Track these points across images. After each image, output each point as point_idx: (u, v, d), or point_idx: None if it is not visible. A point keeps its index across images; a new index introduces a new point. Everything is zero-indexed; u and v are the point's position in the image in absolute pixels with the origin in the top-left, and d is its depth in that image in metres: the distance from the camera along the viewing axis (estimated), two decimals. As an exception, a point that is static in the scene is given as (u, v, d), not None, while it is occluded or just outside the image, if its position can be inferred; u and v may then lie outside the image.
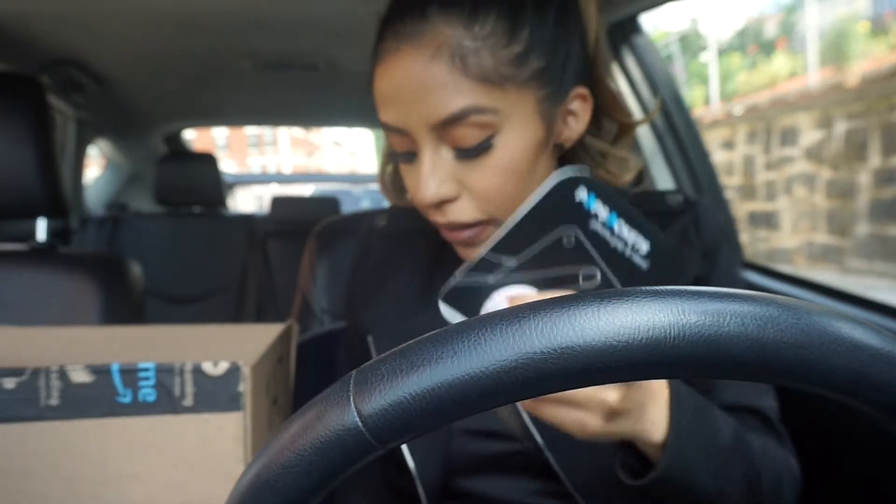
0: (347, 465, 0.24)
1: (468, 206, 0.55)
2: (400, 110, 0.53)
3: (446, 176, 0.54)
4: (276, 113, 2.74)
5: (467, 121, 0.51)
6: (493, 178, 0.53)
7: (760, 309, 0.23)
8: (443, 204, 0.55)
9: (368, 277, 0.69)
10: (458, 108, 0.51)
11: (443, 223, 0.56)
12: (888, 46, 5.99)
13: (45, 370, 0.47)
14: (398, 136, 0.55)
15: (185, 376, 0.47)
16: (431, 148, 0.53)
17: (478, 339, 0.23)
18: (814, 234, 5.29)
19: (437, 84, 0.51)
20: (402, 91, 0.52)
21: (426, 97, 0.51)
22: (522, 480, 0.59)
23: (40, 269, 1.02)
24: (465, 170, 0.54)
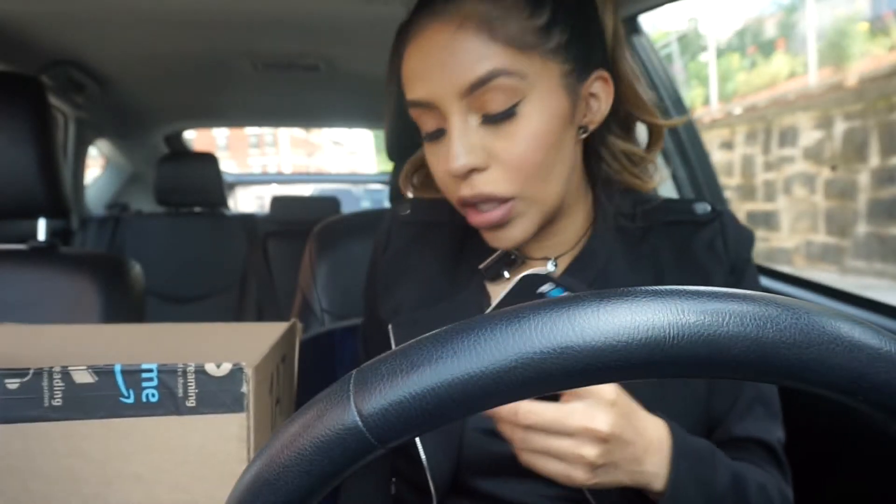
0: (347, 465, 0.24)
1: (497, 177, 0.55)
2: (429, 83, 0.55)
3: (475, 144, 0.55)
4: (276, 113, 2.75)
5: (495, 84, 0.53)
6: (520, 146, 0.54)
7: (759, 309, 0.23)
8: (472, 175, 0.55)
9: (390, 266, 0.70)
10: (485, 71, 0.53)
11: (471, 197, 0.56)
12: (887, 46, 5.98)
13: (47, 371, 0.47)
14: (426, 113, 0.57)
15: (188, 377, 0.47)
16: (460, 117, 0.55)
17: (478, 338, 0.23)
18: (813, 234, 5.29)
19: (465, 50, 0.53)
20: (430, 63, 0.55)
21: (455, 64, 0.53)
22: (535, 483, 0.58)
23: (41, 269, 1.02)
24: (493, 138, 0.55)
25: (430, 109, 0.56)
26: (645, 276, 0.62)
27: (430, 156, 0.59)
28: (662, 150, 1.30)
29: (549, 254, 0.64)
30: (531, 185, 0.56)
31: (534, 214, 0.58)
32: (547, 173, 0.56)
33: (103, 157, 2.68)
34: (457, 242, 0.68)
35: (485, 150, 0.55)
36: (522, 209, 0.57)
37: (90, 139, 2.35)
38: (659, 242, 0.63)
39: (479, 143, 0.55)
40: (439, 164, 0.58)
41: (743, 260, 0.62)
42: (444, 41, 0.54)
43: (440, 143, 0.57)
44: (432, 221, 0.70)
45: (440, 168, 0.58)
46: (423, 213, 0.71)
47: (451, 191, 0.58)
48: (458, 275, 0.65)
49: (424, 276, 0.67)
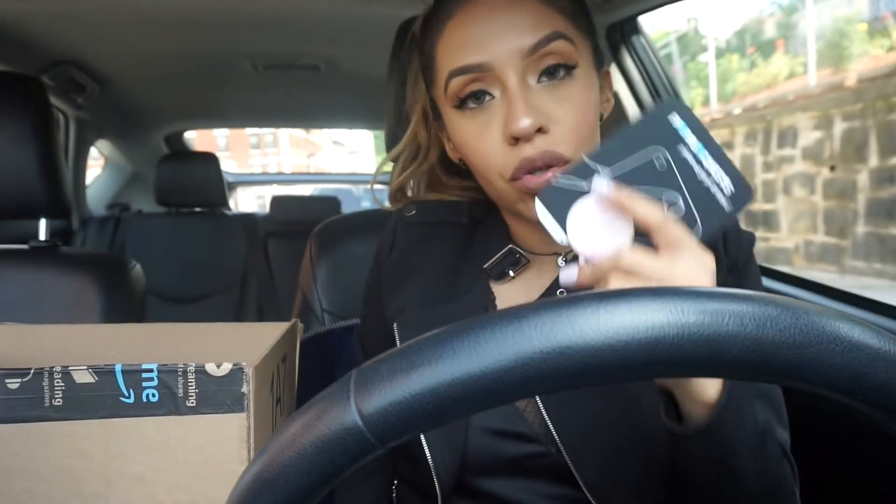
0: (348, 464, 0.24)
1: (559, 139, 0.55)
2: (489, 45, 0.55)
3: (538, 104, 0.55)
4: (276, 113, 2.75)
5: (556, 46, 0.55)
6: (576, 111, 0.56)
7: (759, 309, 0.23)
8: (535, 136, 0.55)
9: (395, 266, 0.69)
10: (550, 31, 0.55)
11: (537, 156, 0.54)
12: (886, 47, 5.99)
13: (48, 370, 0.47)
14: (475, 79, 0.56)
15: (189, 377, 0.47)
16: (520, 78, 0.55)
17: (477, 338, 0.23)
18: (812, 234, 5.29)
19: (529, 14, 0.56)
20: (492, 28, 0.56)
21: (520, 26, 0.55)
22: (538, 483, 0.59)
23: (42, 269, 1.02)
24: (552, 102, 0.56)
25: (481, 74, 0.56)
26: None
27: (470, 128, 0.58)
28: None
29: (558, 249, 0.63)
30: (586, 146, 0.56)
31: None
32: (594, 137, 0.58)
33: (104, 157, 2.68)
34: (462, 242, 0.68)
35: (545, 113, 0.55)
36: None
37: (91, 139, 2.35)
38: None
39: (540, 104, 0.55)
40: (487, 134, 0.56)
41: (743, 259, 0.62)
42: (504, 6, 0.56)
43: (483, 112, 0.57)
44: (438, 222, 0.70)
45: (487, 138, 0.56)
46: (428, 214, 0.71)
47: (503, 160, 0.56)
48: (463, 275, 0.65)
49: (429, 277, 0.67)
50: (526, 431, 0.58)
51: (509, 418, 0.59)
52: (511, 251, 0.64)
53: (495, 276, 0.64)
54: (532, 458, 0.58)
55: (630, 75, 1.28)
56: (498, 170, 0.57)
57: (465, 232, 0.68)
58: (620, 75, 1.30)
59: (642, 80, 1.28)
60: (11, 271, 1.01)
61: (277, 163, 31.97)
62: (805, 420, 0.90)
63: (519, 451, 0.58)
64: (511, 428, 0.58)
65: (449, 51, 0.58)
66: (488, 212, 0.69)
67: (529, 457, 0.58)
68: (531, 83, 0.56)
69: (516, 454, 0.58)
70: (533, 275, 0.64)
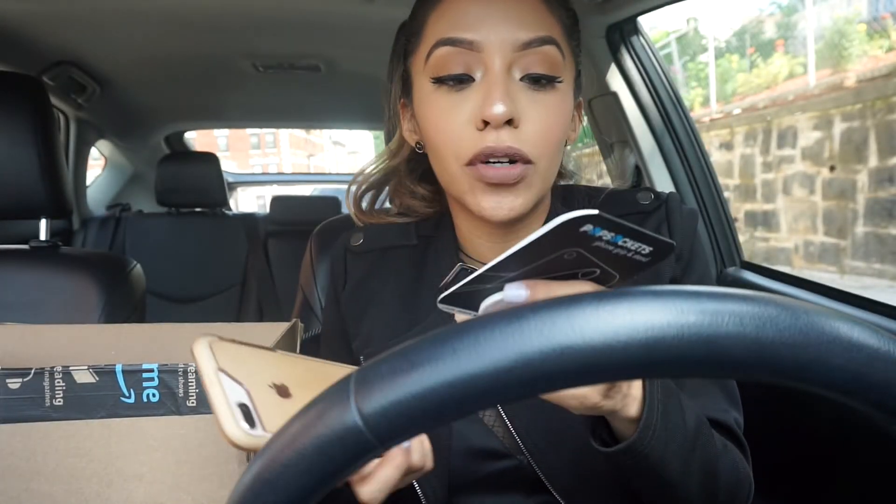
0: (348, 464, 0.24)
1: (527, 138, 0.55)
2: (484, 27, 0.55)
3: (515, 97, 0.55)
4: (277, 114, 2.75)
5: (546, 49, 0.55)
6: (551, 117, 0.56)
7: (759, 309, 0.23)
8: (504, 127, 0.54)
9: (352, 299, 0.67)
10: (545, 33, 0.56)
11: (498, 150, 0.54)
12: (885, 47, 5.99)
13: (49, 371, 0.47)
14: (460, 55, 0.56)
15: (189, 377, 0.47)
16: (505, 67, 0.55)
17: (477, 338, 0.23)
18: (812, 234, 5.29)
19: (530, 10, 0.56)
20: (492, 11, 0.56)
21: (520, 16, 0.55)
22: (518, 496, 0.60)
23: (42, 269, 1.02)
24: (529, 101, 0.56)
25: (467, 52, 0.55)
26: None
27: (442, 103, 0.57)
28: (662, 150, 1.31)
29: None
30: (548, 156, 0.57)
31: (537, 190, 0.58)
32: (558, 154, 0.59)
33: (104, 157, 2.68)
34: (415, 264, 0.67)
35: (520, 108, 0.55)
36: (533, 179, 0.57)
37: (91, 139, 2.35)
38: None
39: (517, 98, 0.55)
40: (457, 114, 0.56)
41: (688, 244, 0.63)
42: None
43: (461, 91, 0.56)
44: (388, 247, 0.68)
45: (456, 118, 0.56)
46: (376, 241, 0.69)
47: (464, 143, 0.56)
48: (422, 297, 0.64)
49: (389, 304, 0.65)
50: (497, 447, 0.59)
51: (483, 436, 0.59)
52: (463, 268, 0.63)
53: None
54: (508, 473, 0.59)
55: (630, 75, 1.28)
56: (457, 151, 0.56)
57: (416, 253, 0.67)
58: (620, 76, 1.30)
59: (642, 80, 1.28)
60: (12, 271, 1.01)
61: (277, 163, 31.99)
62: (805, 420, 0.90)
63: (496, 467, 0.59)
64: (487, 445, 0.59)
65: (442, 20, 0.57)
66: (437, 228, 0.68)
67: (506, 471, 0.59)
68: (515, 76, 0.56)
69: (494, 470, 0.59)
70: None
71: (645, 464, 0.47)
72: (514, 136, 0.55)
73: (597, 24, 1.23)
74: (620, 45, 1.27)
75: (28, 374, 0.47)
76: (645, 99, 1.29)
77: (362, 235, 0.69)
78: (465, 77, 0.56)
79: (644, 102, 1.29)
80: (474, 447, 0.59)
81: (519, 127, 0.55)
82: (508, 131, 0.54)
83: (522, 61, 0.55)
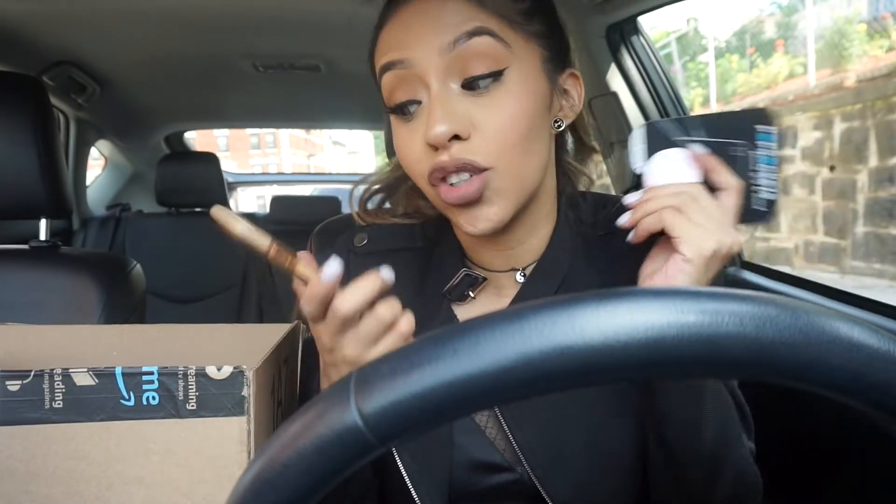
0: (348, 464, 0.24)
1: (478, 147, 0.54)
2: (410, 41, 0.55)
3: (458, 110, 0.54)
4: (277, 114, 2.75)
5: (479, 42, 0.53)
6: (502, 117, 0.54)
7: (759, 309, 0.23)
8: (451, 143, 0.54)
9: None
10: (472, 27, 0.53)
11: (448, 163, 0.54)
12: (885, 47, 5.99)
13: (48, 373, 0.47)
14: (400, 80, 0.55)
15: (189, 380, 0.47)
16: (441, 81, 0.54)
17: (477, 338, 0.23)
18: (812, 234, 5.29)
19: (454, 12, 0.54)
20: (415, 26, 0.55)
21: (441, 24, 0.54)
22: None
23: (42, 269, 1.02)
24: (475, 108, 0.54)
25: (405, 73, 0.55)
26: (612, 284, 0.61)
27: (400, 132, 0.58)
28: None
29: (515, 265, 0.63)
30: (510, 158, 0.55)
31: (510, 194, 0.56)
32: (525, 151, 0.56)
33: (104, 157, 2.68)
34: (419, 268, 0.66)
35: (466, 119, 0.54)
36: (499, 184, 0.55)
37: (91, 139, 2.35)
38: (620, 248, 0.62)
39: (460, 111, 0.54)
40: (412, 139, 0.56)
41: None
42: (432, 8, 0.55)
43: (412, 117, 0.56)
44: (392, 249, 0.67)
45: (411, 143, 0.56)
46: (380, 242, 0.68)
47: (422, 166, 0.56)
48: (426, 301, 0.63)
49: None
50: (499, 460, 0.59)
51: (484, 449, 0.59)
52: (468, 273, 0.63)
53: (455, 298, 0.63)
54: (508, 486, 0.59)
55: (630, 75, 1.28)
56: (419, 173, 0.57)
57: (420, 256, 0.66)
58: (620, 76, 1.30)
59: (642, 80, 1.28)
60: (11, 271, 1.01)
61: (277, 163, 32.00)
62: (805, 420, 0.90)
63: (496, 480, 0.59)
64: (488, 458, 0.59)
65: (381, 49, 0.58)
66: (441, 231, 0.67)
67: (506, 484, 0.59)
68: (453, 87, 0.54)
69: (494, 483, 0.59)
70: (493, 292, 0.63)
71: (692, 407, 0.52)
72: (463, 149, 0.54)
73: (597, 24, 1.23)
74: (620, 45, 1.27)
75: (27, 377, 0.47)
76: (645, 99, 1.29)
77: (366, 236, 0.69)
78: (412, 103, 0.56)
79: (644, 102, 1.29)
80: (475, 460, 0.59)
81: (469, 137, 0.54)
82: (458, 145, 0.54)
83: (457, 66, 0.54)
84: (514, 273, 0.63)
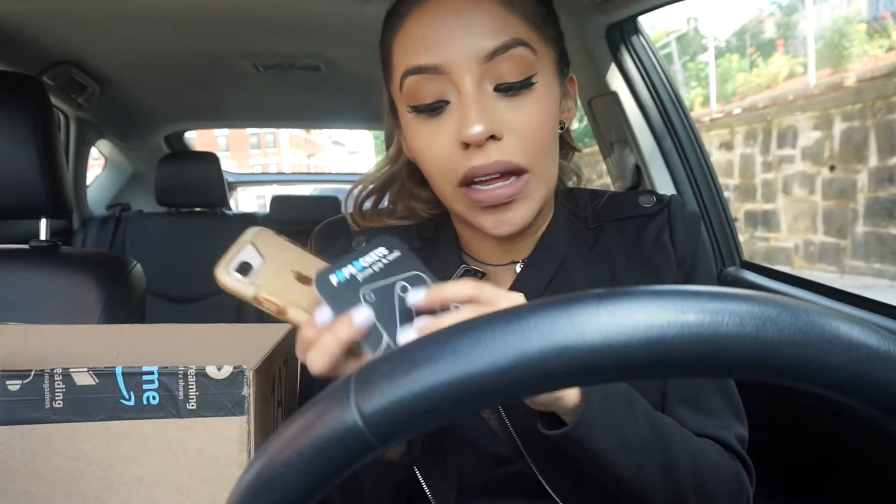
0: (348, 464, 0.24)
1: (514, 147, 0.54)
2: (446, 47, 0.54)
3: (492, 111, 0.54)
4: (277, 113, 2.75)
5: (514, 53, 0.54)
6: (533, 119, 0.55)
7: (759, 308, 0.23)
8: (487, 143, 0.53)
9: None
10: (510, 38, 0.54)
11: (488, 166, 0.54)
12: (885, 47, 5.99)
13: (48, 372, 0.47)
14: (429, 82, 0.54)
15: (189, 380, 0.47)
16: (475, 84, 0.54)
17: (477, 338, 0.23)
18: (812, 233, 5.29)
19: (489, 17, 0.54)
20: (449, 28, 0.54)
21: (479, 28, 0.53)
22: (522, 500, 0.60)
23: (42, 269, 1.02)
24: (508, 110, 0.54)
25: (436, 77, 0.54)
26: (601, 275, 0.62)
27: (423, 132, 0.56)
28: (662, 150, 1.31)
29: (514, 257, 0.63)
30: (542, 159, 0.56)
31: (539, 195, 0.57)
32: (552, 152, 0.57)
33: (104, 157, 2.68)
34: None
35: (500, 120, 0.54)
36: (533, 187, 0.56)
37: (91, 139, 2.35)
38: (612, 240, 0.64)
39: (495, 111, 0.54)
40: (439, 138, 0.55)
41: (691, 251, 0.63)
42: (468, 9, 0.54)
43: (440, 117, 0.55)
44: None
45: (438, 142, 0.55)
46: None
47: (452, 166, 0.55)
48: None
49: None
50: (504, 452, 0.59)
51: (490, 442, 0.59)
52: (468, 269, 0.63)
53: None
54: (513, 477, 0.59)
55: (630, 75, 1.29)
56: (447, 175, 0.56)
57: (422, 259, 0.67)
58: (620, 75, 1.30)
59: (642, 80, 1.28)
60: (12, 271, 1.01)
61: (277, 163, 32.00)
62: (805, 420, 0.90)
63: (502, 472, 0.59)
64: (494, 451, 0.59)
65: (405, 47, 0.56)
66: (437, 229, 0.67)
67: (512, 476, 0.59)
68: (487, 89, 0.54)
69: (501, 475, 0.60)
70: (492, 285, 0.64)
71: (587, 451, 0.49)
72: (500, 150, 0.54)
73: (597, 23, 1.23)
74: (620, 45, 1.27)
75: (28, 376, 0.47)
76: (645, 99, 1.29)
77: (364, 239, 0.69)
78: (440, 104, 0.55)
79: (644, 102, 1.29)
80: (482, 452, 0.59)
81: (503, 138, 0.54)
82: (493, 146, 0.54)
83: (492, 72, 0.54)
84: (513, 266, 0.63)
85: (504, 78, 0.54)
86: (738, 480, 0.58)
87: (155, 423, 0.48)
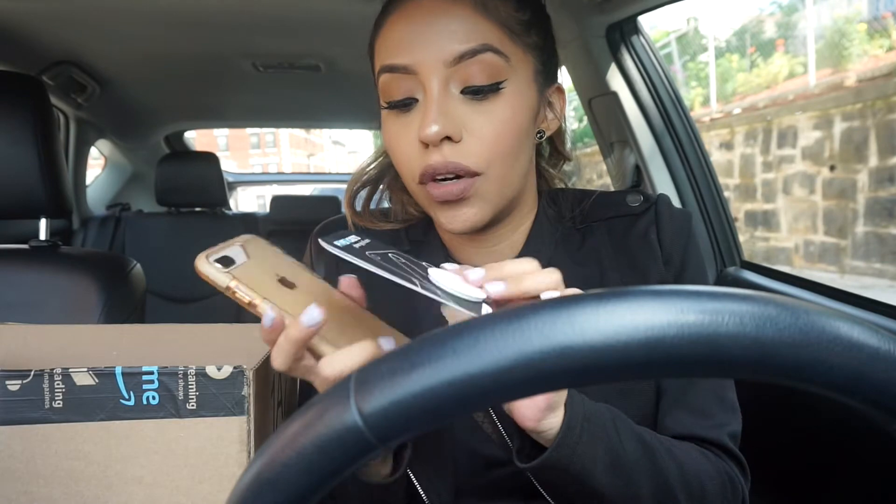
0: (348, 464, 0.24)
1: (469, 151, 0.55)
2: (417, 48, 0.55)
3: (453, 113, 0.55)
4: (277, 113, 2.75)
5: (483, 58, 0.55)
6: (496, 125, 0.55)
7: (759, 308, 0.23)
8: (443, 144, 0.55)
9: None
10: (478, 43, 0.55)
11: (440, 165, 0.55)
12: (885, 47, 5.99)
13: (48, 372, 0.47)
14: (401, 80, 0.56)
15: (189, 380, 0.47)
16: (441, 85, 0.55)
17: (477, 338, 0.23)
18: (812, 233, 5.29)
19: (461, 22, 0.55)
20: (421, 30, 0.55)
21: (449, 32, 0.55)
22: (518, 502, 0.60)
23: (42, 269, 1.02)
24: (471, 113, 0.55)
25: (406, 77, 0.56)
26: (589, 274, 0.62)
27: (393, 127, 0.58)
28: (662, 150, 1.31)
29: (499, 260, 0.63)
30: (499, 165, 0.56)
31: (492, 198, 0.58)
32: (514, 159, 0.58)
33: (104, 157, 2.68)
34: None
35: (461, 122, 0.55)
36: (484, 189, 0.57)
37: (91, 139, 2.35)
38: (599, 240, 0.64)
39: (456, 113, 0.55)
40: (405, 135, 0.57)
41: (680, 249, 0.63)
42: (441, 12, 0.55)
43: (408, 114, 0.57)
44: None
45: (405, 139, 0.57)
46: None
47: (413, 164, 0.57)
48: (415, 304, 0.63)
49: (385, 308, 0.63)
50: (499, 455, 0.59)
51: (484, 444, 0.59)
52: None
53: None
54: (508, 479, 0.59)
55: (630, 75, 1.29)
56: (410, 171, 0.58)
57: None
58: (620, 75, 1.30)
59: (642, 80, 1.28)
60: (11, 271, 1.01)
61: (277, 163, 32.01)
62: (805, 420, 0.90)
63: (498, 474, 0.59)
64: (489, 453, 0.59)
65: (383, 47, 0.58)
66: (426, 233, 0.68)
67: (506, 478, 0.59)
68: (454, 91, 0.56)
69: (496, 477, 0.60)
70: None
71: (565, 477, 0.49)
72: (455, 152, 0.55)
73: (597, 23, 1.23)
74: (620, 45, 1.27)
75: (27, 376, 0.47)
76: (645, 98, 1.29)
77: None
78: (409, 101, 0.57)
79: (644, 102, 1.29)
80: (477, 454, 0.59)
81: (461, 140, 0.55)
82: (450, 147, 0.55)
83: (459, 75, 0.55)
84: None
85: (471, 81, 0.55)
86: (731, 483, 0.58)
87: (155, 422, 0.48)
